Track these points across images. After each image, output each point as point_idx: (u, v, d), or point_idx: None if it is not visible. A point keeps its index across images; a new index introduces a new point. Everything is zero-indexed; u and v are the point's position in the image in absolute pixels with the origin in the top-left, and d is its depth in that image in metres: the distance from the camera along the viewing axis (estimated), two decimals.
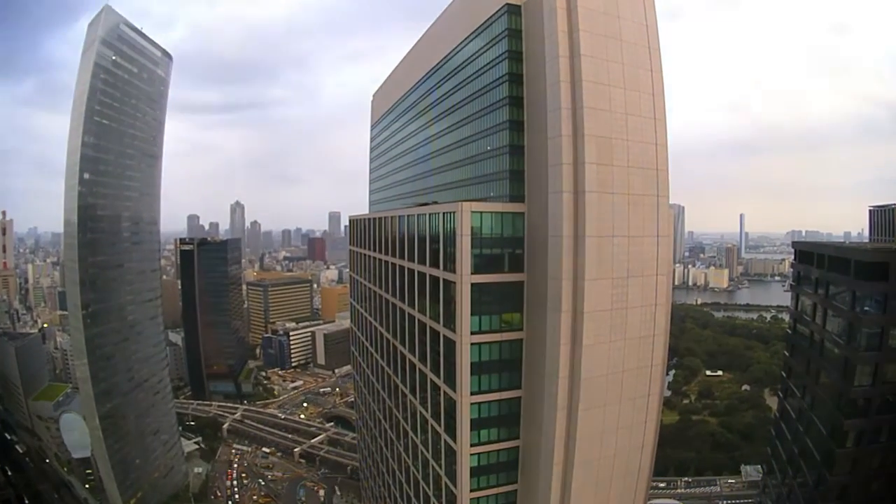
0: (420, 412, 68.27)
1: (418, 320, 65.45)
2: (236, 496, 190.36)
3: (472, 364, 53.42)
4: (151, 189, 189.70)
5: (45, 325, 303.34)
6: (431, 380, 62.21)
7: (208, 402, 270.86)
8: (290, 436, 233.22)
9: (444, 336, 56.99)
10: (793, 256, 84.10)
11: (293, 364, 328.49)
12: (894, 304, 58.66)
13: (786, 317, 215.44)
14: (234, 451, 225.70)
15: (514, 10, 56.12)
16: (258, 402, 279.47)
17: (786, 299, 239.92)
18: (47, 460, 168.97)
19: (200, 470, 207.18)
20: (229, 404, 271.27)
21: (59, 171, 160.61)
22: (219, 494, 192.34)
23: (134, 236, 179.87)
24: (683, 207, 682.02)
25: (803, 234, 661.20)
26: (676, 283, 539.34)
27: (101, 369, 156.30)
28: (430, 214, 61.01)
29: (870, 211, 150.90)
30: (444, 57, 73.72)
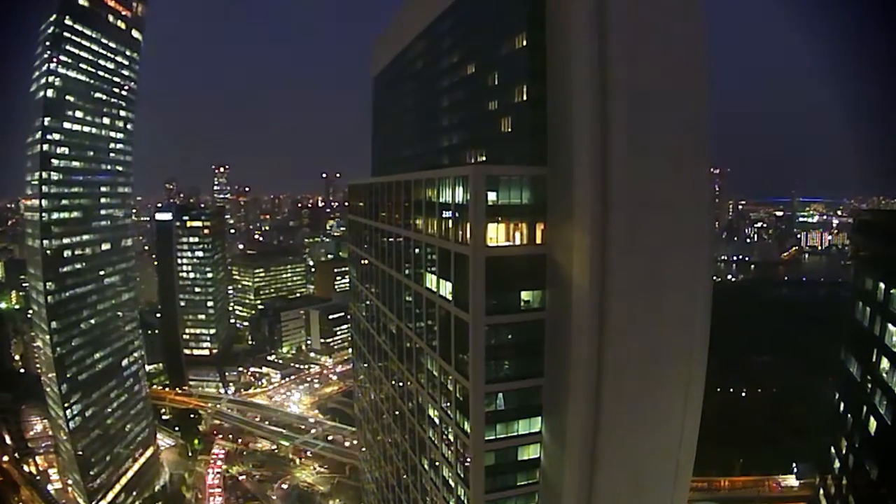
0: (428, 403, 69.16)
1: (426, 299, 65.93)
2: (219, 498, 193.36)
3: (486, 348, 53.82)
4: (124, 148, 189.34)
5: (3, 305, 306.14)
6: (441, 366, 62.89)
7: (188, 392, 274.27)
8: (280, 430, 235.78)
9: (455, 317, 57.34)
10: (852, 226, 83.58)
11: (284, 348, 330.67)
12: None
13: (845, 294, 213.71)
14: (217, 447, 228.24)
15: None
16: (244, 392, 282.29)
17: (845, 275, 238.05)
18: (5, 458, 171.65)
19: (179, 469, 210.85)
20: (212, 394, 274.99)
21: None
22: (200, 496, 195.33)
23: (104, 203, 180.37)
24: (728, 170, 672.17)
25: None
26: (719, 256, 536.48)
27: (66, 355, 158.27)
28: (439, 179, 61.02)
29: None
30: None
